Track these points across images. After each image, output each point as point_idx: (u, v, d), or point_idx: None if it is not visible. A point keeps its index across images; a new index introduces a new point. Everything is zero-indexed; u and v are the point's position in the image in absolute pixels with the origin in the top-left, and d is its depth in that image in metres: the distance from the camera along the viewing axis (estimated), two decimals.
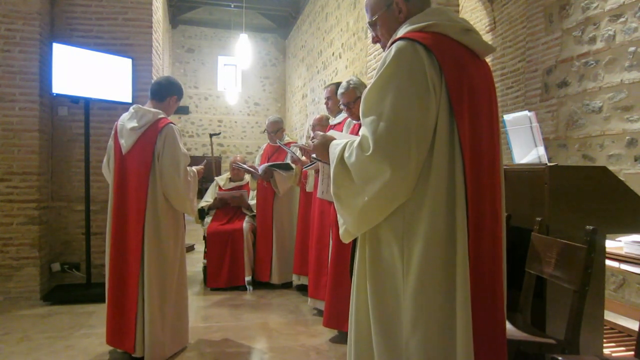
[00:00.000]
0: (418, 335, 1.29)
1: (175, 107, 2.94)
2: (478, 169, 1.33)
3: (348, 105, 2.98)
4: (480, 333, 1.30)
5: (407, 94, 1.28)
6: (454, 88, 1.30)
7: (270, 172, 4.29)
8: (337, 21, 9.20)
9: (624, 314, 3.10)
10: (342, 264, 2.94)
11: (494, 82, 1.50)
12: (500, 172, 1.44)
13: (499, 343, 1.38)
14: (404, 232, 1.33)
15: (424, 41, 1.31)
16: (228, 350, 2.95)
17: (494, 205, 1.39)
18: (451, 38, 1.37)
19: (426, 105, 1.28)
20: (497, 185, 1.41)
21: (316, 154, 1.57)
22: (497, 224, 1.40)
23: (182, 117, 14.04)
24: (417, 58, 1.29)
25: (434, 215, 1.29)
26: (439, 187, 1.30)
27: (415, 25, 1.37)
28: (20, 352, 2.86)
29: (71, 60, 3.93)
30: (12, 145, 3.96)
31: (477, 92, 1.37)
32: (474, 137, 1.33)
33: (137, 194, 2.66)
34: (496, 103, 1.46)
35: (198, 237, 6.16)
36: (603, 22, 3.69)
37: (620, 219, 2.01)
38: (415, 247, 1.30)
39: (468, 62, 1.37)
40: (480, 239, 1.33)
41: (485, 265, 1.34)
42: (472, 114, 1.34)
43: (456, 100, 1.30)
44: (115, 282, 2.69)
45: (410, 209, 1.32)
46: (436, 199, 1.29)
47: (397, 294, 1.34)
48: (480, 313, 1.31)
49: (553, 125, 4.19)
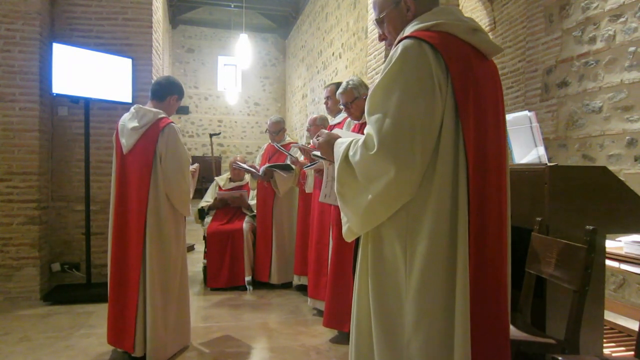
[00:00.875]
0: (420, 336, 1.29)
1: (176, 107, 2.94)
2: (483, 169, 1.32)
3: (347, 105, 2.99)
4: (483, 335, 1.29)
5: (413, 92, 1.27)
6: (460, 88, 1.29)
7: (271, 173, 4.29)
8: (337, 21, 9.19)
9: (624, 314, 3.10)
10: (343, 264, 2.94)
11: (501, 81, 1.49)
12: (506, 173, 1.42)
13: (502, 346, 1.36)
14: (407, 231, 1.32)
15: (431, 40, 1.30)
16: (228, 350, 2.95)
17: (500, 206, 1.37)
18: (458, 38, 1.36)
19: (432, 104, 1.27)
20: (503, 187, 1.39)
21: (321, 152, 1.56)
22: (503, 226, 1.38)
23: (182, 117, 14.04)
24: (423, 57, 1.29)
25: (437, 215, 1.28)
26: (443, 187, 1.29)
27: (423, 24, 1.36)
28: (20, 352, 2.86)
29: (71, 60, 3.93)
30: (12, 145, 3.96)
31: (484, 92, 1.36)
32: (479, 137, 1.32)
33: (139, 194, 2.66)
34: (503, 103, 1.45)
35: (198, 237, 6.16)
36: (603, 22, 3.69)
37: (620, 219, 2.01)
38: (418, 246, 1.30)
39: (475, 62, 1.36)
40: (483, 240, 1.31)
41: (489, 267, 1.33)
42: (479, 114, 1.33)
43: (462, 100, 1.29)
44: (116, 281, 2.69)
45: (414, 209, 1.31)
46: (440, 199, 1.29)
47: (399, 294, 1.33)
48: (482, 315, 1.30)
49: (553, 125, 4.19)
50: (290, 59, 14.38)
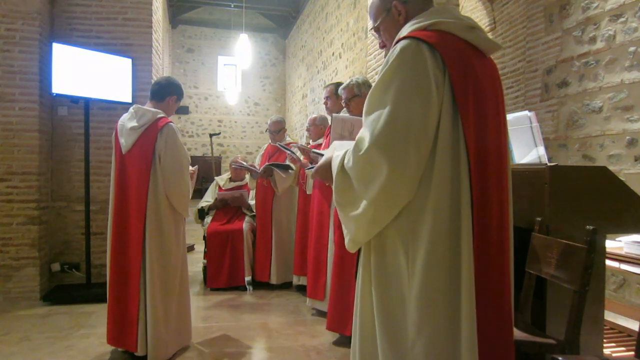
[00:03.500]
0: (423, 339, 1.27)
1: (176, 107, 2.94)
2: (484, 169, 1.31)
3: (347, 102, 3.01)
4: (487, 337, 1.28)
5: (408, 91, 1.26)
6: (458, 86, 1.29)
7: (270, 171, 4.29)
8: (337, 21, 9.19)
9: (624, 314, 3.10)
10: (346, 267, 2.92)
11: (501, 79, 1.48)
12: (507, 173, 1.41)
13: (507, 347, 1.35)
14: (409, 233, 1.30)
15: (428, 39, 1.30)
16: (228, 350, 2.95)
17: (502, 206, 1.36)
18: (456, 36, 1.35)
19: (428, 103, 1.26)
20: (504, 186, 1.38)
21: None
22: (504, 227, 1.37)
23: (182, 117, 14.04)
24: (420, 56, 1.28)
25: (437, 216, 1.26)
26: (443, 188, 1.27)
27: (420, 24, 1.36)
28: (20, 352, 2.86)
29: (71, 60, 3.93)
30: (12, 145, 3.96)
31: (484, 90, 1.35)
32: (479, 136, 1.31)
33: (138, 193, 2.66)
34: (503, 101, 1.44)
35: (198, 237, 6.16)
36: (603, 22, 3.69)
37: (620, 219, 2.01)
38: (420, 249, 1.28)
39: (473, 60, 1.36)
40: (486, 242, 1.30)
41: (492, 269, 1.31)
42: (479, 111, 1.32)
43: (461, 98, 1.28)
44: (116, 281, 2.69)
45: (415, 210, 1.29)
46: (439, 200, 1.27)
47: (403, 298, 1.31)
48: (486, 316, 1.28)
49: (553, 125, 4.19)
50: (290, 59, 14.38)
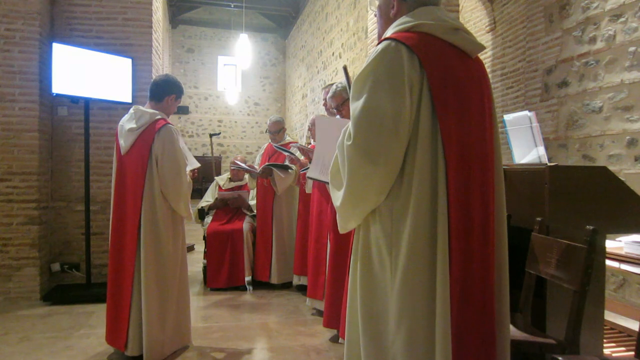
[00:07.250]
0: (402, 334, 1.30)
1: (176, 106, 2.94)
2: (466, 167, 1.34)
3: (338, 109, 3.02)
4: (465, 334, 1.30)
5: (381, 88, 1.31)
6: (436, 87, 1.32)
7: (269, 170, 4.29)
8: (337, 21, 9.20)
9: (624, 314, 3.11)
10: (341, 265, 2.93)
11: (488, 79, 1.49)
12: (495, 170, 1.43)
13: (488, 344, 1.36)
14: (392, 232, 1.34)
15: (407, 42, 1.33)
16: (228, 350, 2.95)
17: (486, 204, 1.38)
18: (438, 38, 1.38)
19: (400, 102, 1.30)
20: (489, 183, 1.40)
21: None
22: (489, 223, 1.38)
23: (182, 117, 14.05)
24: (397, 58, 1.32)
25: (417, 214, 1.30)
26: (422, 187, 1.31)
27: (404, 25, 1.39)
28: (20, 352, 2.86)
29: (71, 60, 3.93)
30: (12, 145, 3.95)
31: (467, 91, 1.38)
32: (461, 135, 1.33)
33: (134, 194, 2.67)
34: (489, 100, 1.45)
35: (198, 237, 6.16)
36: (603, 22, 3.69)
37: (620, 219, 2.01)
38: (402, 247, 1.32)
39: (455, 61, 1.38)
40: (467, 238, 1.32)
41: (474, 264, 1.33)
42: (461, 112, 1.35)
43: (439, 99, 1.31)
44: (113, 281, 2.71)
45: (398, 209, 1.34)
46: (419, 198, 1.31)
47: (386, 294, 1.36)
48: (465, 313, 1.30)
49: (553, 125, 4.19)
50: (290, 59, 14.38)
